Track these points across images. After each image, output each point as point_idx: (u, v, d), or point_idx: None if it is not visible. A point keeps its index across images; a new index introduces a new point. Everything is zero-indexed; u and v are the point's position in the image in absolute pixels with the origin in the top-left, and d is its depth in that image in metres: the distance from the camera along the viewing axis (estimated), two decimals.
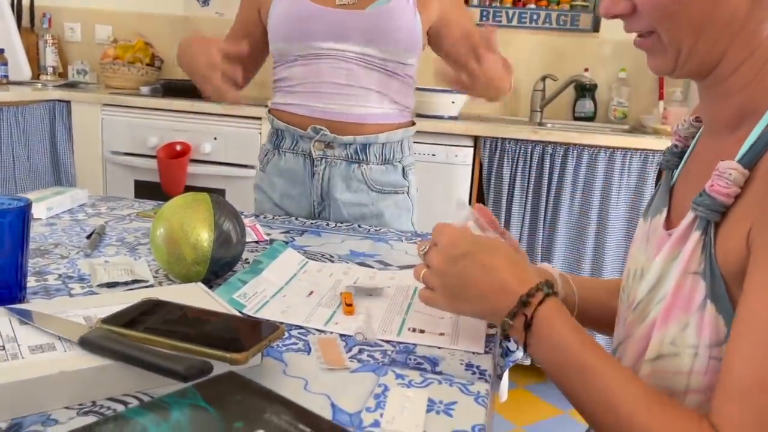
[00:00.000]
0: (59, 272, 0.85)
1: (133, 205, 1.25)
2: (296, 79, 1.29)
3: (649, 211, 0.73)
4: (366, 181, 1.31)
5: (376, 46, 1.23)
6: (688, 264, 0.57)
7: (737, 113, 0.60)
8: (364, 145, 1.29)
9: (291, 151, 1.33)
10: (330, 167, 1.30)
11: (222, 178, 2.52)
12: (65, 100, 2.60)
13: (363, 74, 1.25)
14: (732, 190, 0.54)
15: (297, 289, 0.85)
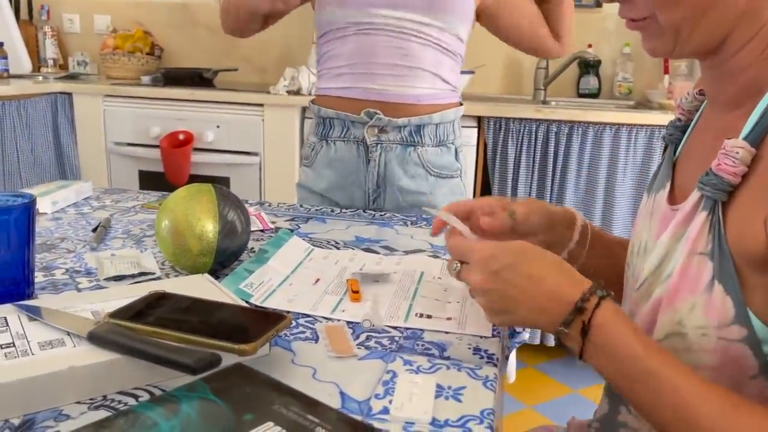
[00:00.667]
0: (66, 267, 0.85)
1: (137, 196, 1.25)
2: (346, 57, 1.24)
3: (653, 186, 0.72)
4: (423, 164, 1.28)
5: (435, 15, 1.20)
6: (695, 244, 0.56)
7: (742, 91, 0.59)
8: (419, 126, 1.26)
9: (342, 140, 1.28)
10: (386, 152, 1.26)
11: (226, 165, 2.52)
12: (67, 92, 2.60)
13: (418, 51, 1.22)
14: (739, 169, 0.53)
15: (303, 277, 0.85)
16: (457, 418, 0.54)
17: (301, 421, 0.42)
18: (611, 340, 0.55)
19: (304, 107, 2.42)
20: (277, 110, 2.44)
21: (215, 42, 3.08)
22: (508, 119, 2.24)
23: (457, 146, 1.33)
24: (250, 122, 2.48)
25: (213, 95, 2.50)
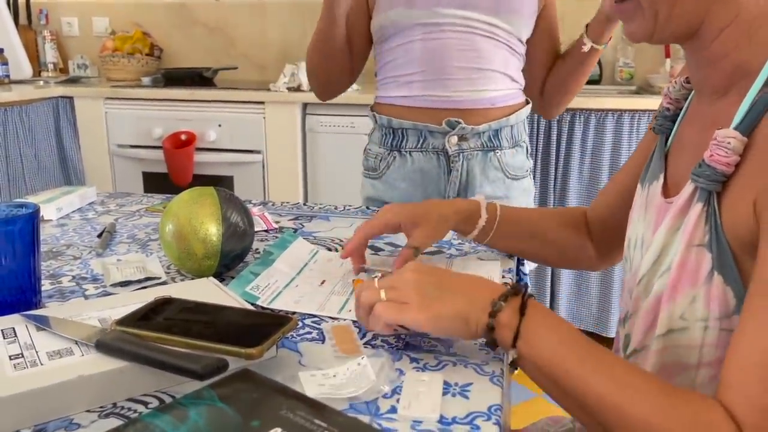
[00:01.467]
0: (73, 273, 0.86)
1: (141, 200, 1.25)
2: (415, 63, 1.20)
3: (646, 178, 0.72)
4: (502, 168, 1.26)
5: (503, 16, 1.18)
6: (692, 236, 0.56)
7: (726, 78, 0.59)
8: (497, 130, 1.24)
9: (419, 150, 1.24)
10: (467, 160, 1.24)
11: (229, 165, 2.53)
12: (68, 96, 2.61)
13: (489, 52, 1.19)
14: (732, 158, 0.53)
15: (309, 278, 0.86)
16: (464, 415, 0.54)
17: (309, 426, 0.42)
18: (549, 313, 0.57)
19: (305, 103, 2.42)
20: (278, 107, 2.44)
21: (214, 41, 3.08)
22: None
23: (527, 144, 1.33)
24: (252, 120, 2.48)
25: (214, 94, 2.50)
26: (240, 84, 2.74)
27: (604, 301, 2.33)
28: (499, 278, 0.86)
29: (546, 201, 2.29)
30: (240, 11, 3.03)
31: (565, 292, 2.36)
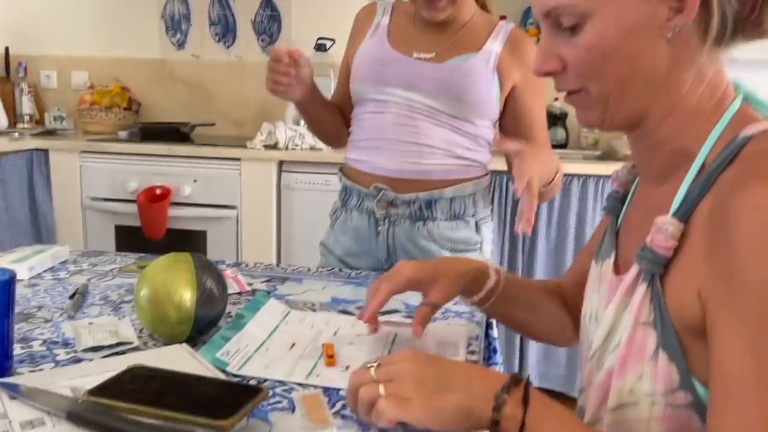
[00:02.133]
0: (44, 337, 0.86)
1: (115, 259, 1.26)
2: (364, 132, 1.30)
3: (599, 255, 0.76)
4: (434, 239, 1.28)
5: (444, 100, 1.22)
6: (638, 315, 0.60)
7: (666, 164, 0.65)
8: (429, 201, 1.27)
9: (357, 209, 1.33)
10: (394, 226, 1.29)
11: (203, 219, 2.54)
12: (43, 149, 2.61)
13: (429, 130, 1.24)
14: (671, 243, 0.58)
15: (279, 342, 0.87)
16: None
17: None
18: (553, 406, 0.58)
19: (281, 161, 2.47)
20: (254, 164, 2.48)
21: (193, 97, 3.13)
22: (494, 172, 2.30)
23: (478, 219, 1.32)
24: (228, 176, 2.51)
25: (190, 150, 2.53)
26: (217, 140, 2.78)
27: (572, 362, 2.36)
28: (465, 345, 0.88)
29: (515, 263, 2.34)
30: (219, 69, 3.10)
31: (533, 352, 2.38)
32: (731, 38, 0.60)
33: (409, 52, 1.26)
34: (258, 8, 3.06)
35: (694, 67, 0.61)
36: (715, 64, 0.62)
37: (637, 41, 0.60)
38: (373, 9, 1.36)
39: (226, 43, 3.11)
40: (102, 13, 3.15)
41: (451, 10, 1.22)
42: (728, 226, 0.52)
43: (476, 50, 1.24)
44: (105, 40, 3.17)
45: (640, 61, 0.60)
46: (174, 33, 3.14)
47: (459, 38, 1.26)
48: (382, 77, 1.26)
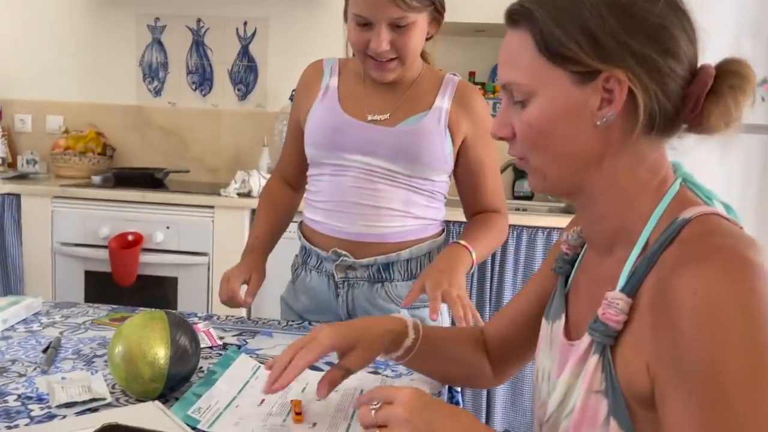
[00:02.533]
0: (18, 392, 0.88)
1: (87, 311, 1.28)
2: (322, 194, 1.31)
3: (549, 314, 0.82)
4: (392, 299, 1.30)
5: (402, 163, 1.25)
6: (591, 383, 0.66)
7: (612, 237, 0.71)
8: (387, 264, 1.29)
9: (316, 270, 1.34)
10: (353, 289, 1.30)
11: (174, 266, 2.55)
12: (15, 194, 2.61)
13: (388, 192, 1.26)
14: (621, 317, 0.64)
15: (249, 398, 0.91)
16: None
17: None
18: None
19: (254, 209, 2.50)
20: (227, 212, 2.51)
21: (168, 143, 3.17)
22: (448, 222, 2.36)
23: None
24: (200, 223, 2.54)
25: (164, 197, 2.56)
26: (191, 187, 2.81)
27: None
28: None
29: (482, 312, 2.40)
30: (195, 116, 3.15)
31: (500, 401, 2.42)
32: (669, 130, 0.68)
33: (363, 115, 1.27)
34: (235, 58, 3.14)
35: (628, 153, 0.68)
36: (657, 150, 0.69)
37: (571, 124, 0.67)
38: (320, 68, 1.36)
39: (203, 92, 3.17)
40: (80, 59, 3.20)
41: (400, 70, 1.25)
42: (670, 308, 0.58)
43: (427, 109, 1.28)
44: (82, 85, 3.21)
45: (573, 141, 0.68)
46: (151, 80, 3.20)
47: (409, 97, 1.29)
48: (339, 144, 1.27)
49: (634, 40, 0.64)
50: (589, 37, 0.65)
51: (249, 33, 3.12)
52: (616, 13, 0.64)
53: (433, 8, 1.23)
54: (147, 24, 3.16)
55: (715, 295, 0.56)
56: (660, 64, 0.64)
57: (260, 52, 3.12)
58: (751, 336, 0.54)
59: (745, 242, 0.60)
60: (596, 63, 0.64)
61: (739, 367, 0.54)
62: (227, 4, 3.10)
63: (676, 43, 0.65)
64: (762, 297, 0.55)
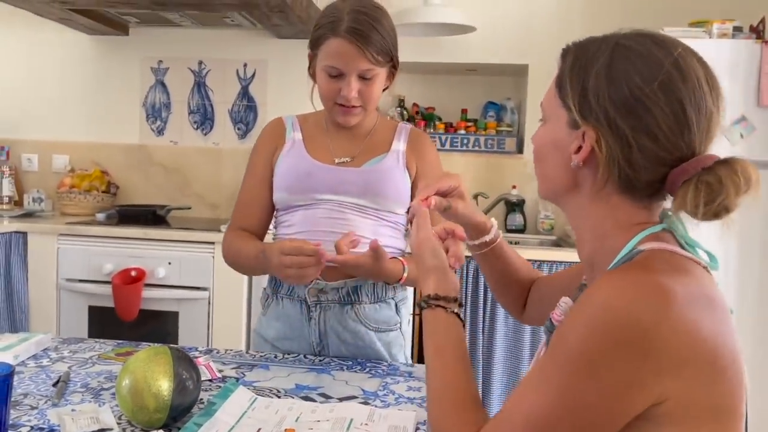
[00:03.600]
0: (31, 424, 0.95)
1: (93, 346, 1.35)
2: (296, 226, 1.39)
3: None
4: (361, 320, 1.39)
5: (370, 198, 1.37)
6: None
7: (590, 260, 0.81)
8: (356, 286, 1.38)
9: (288, 297, 1.41)
10: (324, 311, 1.38)
11: (176, 301, 2.62)
12: (22, 232, 2.70)
13: (358, 221, 1.37)
14: (563, 318, 0.74)
15: (246, 427, 0.97)
16: None
17: None
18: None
19: None
20: None
21: (170, 180, 3.27)
22: None
23: (397, 300, 1.45)
24: (201, 259, 2.61)
25: (166, 234, 2.64)
26: (192, 223, 2.89)
27: None
28: (413, 429, 0.99)
29: (475, 343, 2.45)
30: (197, 154, 3.26)
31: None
32: (644, 195, 0.75)
33: (330, 159, 1.40)
34: (235, 99, 3.26)
35: (599, 200, 0.77)
36: (632, 208, 0.76)
37: (555, 154, 0.80)
38: (281, 124, 1.46)
39: (204, 131, 3.28)
40: (85, 100, 3.32)
41: (362, 116, 1.39)
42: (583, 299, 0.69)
43: (386, 151, 1.42)
44: (87, 125, 3.32)
45: (554, 169, 0.80)
46: (154, 120, 3.31)
47: (369, 142, 1.43)
48: (311, 186, 1.38)
49: (614, 108, 0.72)
50: (582, 92, 0.75)
51: (249, 74, 3.24)
52: (611, 78, 0.73)
53: (391, 64, 1.37)
54: (150, 66, 3.29)
55: (597, 292, 0.66)
56: (630, 137, 0.72)
57: (259, 92, 3.24)
58: (596, 330, 0.64)
59: (671, 270, 0.67)
60: (577, 116, 0.75)
61: (566, 350, 0.66)
62: (228, 47, 3.23)
63: (655, 123, 0.71)
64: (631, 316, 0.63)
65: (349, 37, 1.27)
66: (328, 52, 1.31)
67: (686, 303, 0.64)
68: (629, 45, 0.74)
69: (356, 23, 1.27)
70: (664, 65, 0.71)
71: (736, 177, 0.68)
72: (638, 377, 0.63)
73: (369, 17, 1.29)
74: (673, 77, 0.71)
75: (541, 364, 0.69)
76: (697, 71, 0.72)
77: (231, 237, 1.48)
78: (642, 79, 0.71)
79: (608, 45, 0.75)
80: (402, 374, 1.28)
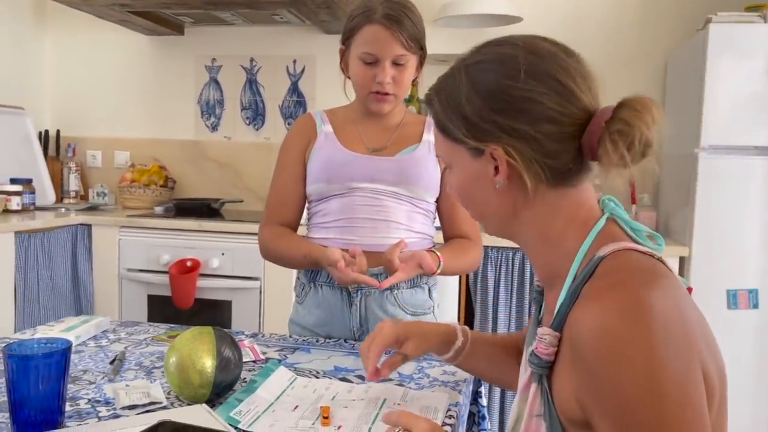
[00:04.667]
0: (89, 397, 1.03)
1: (148, 329, 1.44)
2: (332, 214, 1.45)
3: (527, 341, 0.89)
4: (399, 305, 1.44)
5: (404, 186, 1.42)
6: (532, 407, 0.74)
7: (546, 274, 0.79)
8: (394, 272, 1.42)
9: (327, 285, 1.46)
10: (365, 297, 1.44)
11: (228, 290, 2.72)
12: (87, 224, 2.85)
13: (393, 208, 1.43)
14: (550, 350, 0.71)
15: (284, 404, 1.02)
16: None
17: None
18: None
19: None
20: None
21: (223, 175, 3.39)
22: (486, 247, 2.45)
23: (430, 285, 1.50)
24: (253, 250, 2.67)
25: (220, 226, 2.75)
26: (244, 215, 2.99)
27: None
28: (445, 410, 1.02)
29: None
30: (248, 149, 3.36)
31: None
32: (572, 178, 0.75)
33: (363, 149, 1.44)
34: (285, 94, 3.34)
35: (539, 205, 0.76)
36: (570, 196, 0.76)
37: (479, 188, 0.79)
38: (311, 119, 1.51)
39: (256, 126, 3.38)
40: (144, 98, 3.47)
41: (395, 103, 1.43)
42: (575, 343, 0.66)
43: (417, 142, 1.46)
44: (146, 123, 3.47)
45: (487, 202, 0.79)
46: (208, 117, 3.43)
47: (400, 134, 1.47)
48: (348, 175, 1.42)
49: (502, 116, 0.73)
50: (466, 121, 0.75)
51: (298, 70, 3.32)
52: (483, 95, 0.74)
53: (421, 53, 1.41)
54: (204, 64, 3.40)
55: (607, 330, 0.62)
56: (532, 132, 0.72)
57: (308, 87, 3.31)
58: (642, 360, 0.61)
59: (646, 279, 0.65)
60: (475, 142, 0.75)
61: (638, 388, 0.60)
62: (278, 44, 3.31)
63: (545, 107, 0.72)
64: (648, 329, 0.61)
65: (384, 22, 1.33)
66: (363, 39, 1.36)
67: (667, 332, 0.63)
68: (478, 59, 0.77)
69: (390, 10, 1.34)
70: (518, 57, 0.73)
71: (637, 112, 0.69)
72: (689, 355, 0.63)
73: (401, 5, 1.36)
74: (532, 61, 0.73)
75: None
76: (548, 48, 0.75)
77: (269, 234, 1.52)
78: (509, 78, 0.73)
79: (460, 71, 0.77)
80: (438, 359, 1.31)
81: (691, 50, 2.51)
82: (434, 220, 1.54)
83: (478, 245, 1.52)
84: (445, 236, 1.55)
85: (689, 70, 2.51)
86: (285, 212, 1.52)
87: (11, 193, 2.85)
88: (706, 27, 2.35)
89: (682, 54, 2.68)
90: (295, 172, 1.50)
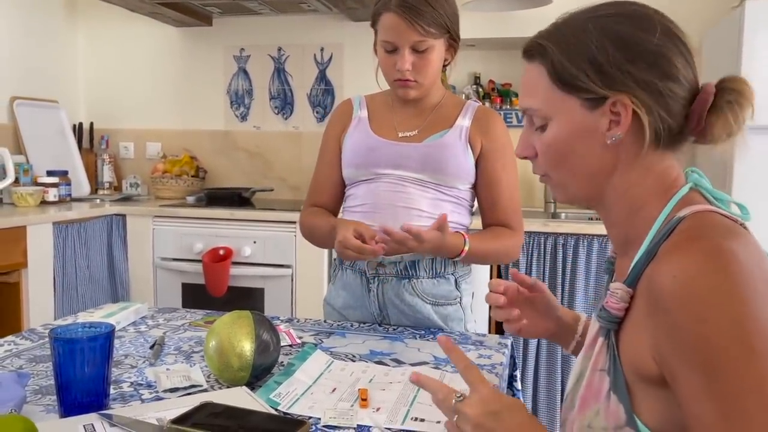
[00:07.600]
0: (131, 380, 1.05)
1: (185, 315, 1.46)
2: (358, 199, 1.46)
3: (594, 311, 0.89)
4: (418, 294, 1.43)
5: (429, 173, 1.41)
6: (596, 362, 0.73)
7: (623, 240, 0.79)
8: (413, 261, 1.42)
9: (350, 268, 1.48)
10: (383, 284, 1.44)
11: (261, 278, 2.75)
12: (121, 214, 2.90)
13: (417, 195, 1.41)
14: (620, 305, 0.71)
15: (322, 386, 1.03)
16: None
17: None
18: None
19: None
20: None
21: (253, 164, 3.41)
22: None
23: (457, 276, 1.46)
24: (284, 238, 2.72)
25: (251, 215, 2.77)
26: (275, 204, 3.01)
27: None
28: None
29: None
30: (278, 138, 3.38)
31: None
32: (675, 143, 0.75)
33: (393, 135, 1.43)
34: (313, 83, 3.34)
35: (638, 165, 0.75)
36: (665, 161, 0.76)
37: (584, 144, 0.76)
38: (350, 104, 1.52)
39: (285, 115, 3.39)
40: (174, 91, 3.51)
41: (420, 89, 1.40)
42: (655, 294, 0.65)
43: (449, 127, 1.43)
44: (176, 114, 3.51)
45: (587, 159, 0.77)
46: (238, 107, 3.45)
47: (434, 118, 1.44)
48: (373, 161, 1.42)
49: (635, 67, 0.72)
50: (595, 68, 0.73)
51: (326, 58, 3.32)
52: (618, 44, 0.73)
53: (449, 36, 1.38)
54: (233, 55, 3.42)
55: (691, 278, 0.62)
56: (660, 88, 0.72)
57: (336, 75, 3.31)
58: (729, 309, 0.61)
59: (726, 233, 0.66)
60: (603, 90, 0.73)
61: (727, 339, 0.60)
62: (305, 33, 3.31)
63: (674, 67, 0.72)
64: (733, 277, 0.61)
65: (398, 10, 1.32)
66: (383, 27, 1.36)
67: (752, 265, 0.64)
68: (610, 12, 0.76)
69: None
70: (652, 16, 0.75)
71: (745, 85, 0.73)
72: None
73: None
74: (665, 22, 0.75)
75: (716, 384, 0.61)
76: (660, 17, 0.76)
77: (306, 214, 1.55)
78: (644, 32, 0.73)
79: (586, 22, 0.75)
80: (474, 343, 1.31)
81: (727, 28, 2.45)
82: (471, 209, 1.51)
83: (518, 234, 1.47)
84: (484, 225, 1.51)
85: (725, 48, 2.45)
86: (322, 196, 1.55)
87: (49, 185, 2.91)
88: (742, 4, 2.29)
89: (717, 32, 2.61)
90: (331, 157, 1.52)
